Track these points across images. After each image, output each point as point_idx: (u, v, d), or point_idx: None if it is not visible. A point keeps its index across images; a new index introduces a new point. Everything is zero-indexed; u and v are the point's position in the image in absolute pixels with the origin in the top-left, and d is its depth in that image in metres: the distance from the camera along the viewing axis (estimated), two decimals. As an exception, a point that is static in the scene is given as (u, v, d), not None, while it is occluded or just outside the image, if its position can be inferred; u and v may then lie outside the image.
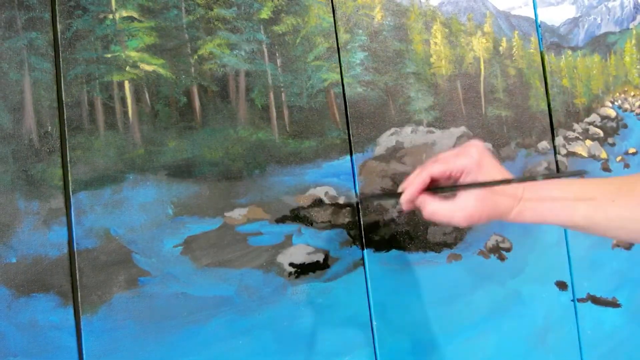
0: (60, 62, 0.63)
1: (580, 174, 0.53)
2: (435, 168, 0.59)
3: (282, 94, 0.75)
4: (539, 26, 0.99)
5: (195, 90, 0.70)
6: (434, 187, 0.60)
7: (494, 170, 0.58)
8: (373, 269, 0.78)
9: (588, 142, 1.02)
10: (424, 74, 0.85)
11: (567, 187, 0.58)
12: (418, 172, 0.61)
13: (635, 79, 1.09)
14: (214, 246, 0.69)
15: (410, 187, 0.61)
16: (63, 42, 0.63)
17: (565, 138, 0.98)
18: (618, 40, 1.07)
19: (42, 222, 0.60)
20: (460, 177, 0.58)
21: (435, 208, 0.59)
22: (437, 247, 0.84)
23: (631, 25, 1.09)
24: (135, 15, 0.67)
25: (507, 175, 0.59)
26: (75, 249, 0.62)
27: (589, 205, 0.56)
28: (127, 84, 0.66)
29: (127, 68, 0.66)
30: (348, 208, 0.78)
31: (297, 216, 0.75)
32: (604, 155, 1.03)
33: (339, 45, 0.80)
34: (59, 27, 0.63)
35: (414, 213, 0.82)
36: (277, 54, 0.75)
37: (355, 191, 0.79)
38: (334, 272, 0.76)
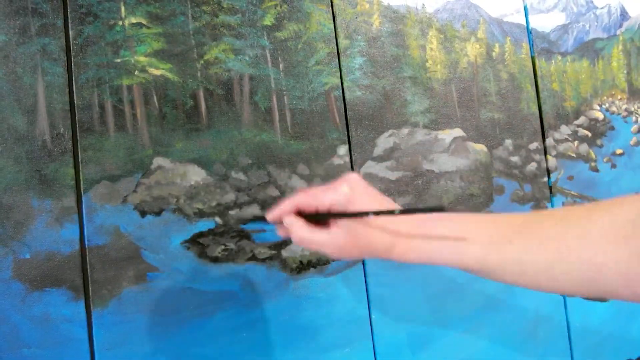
0: (72, 67, 0.63)
1: (439, 209, 0.43)
2: (300, 199, 0.51)
3: (285, 97, 0.75)
4: (530, 32, 0.98)
5: (201, 93, 0.70)
6: (309, 214, 0.52)
7: (371, 205, 0.49)
8: (371, 264, 0.78)
9: (577, 144, 1.01)
10: (420, 78, 0.85)
11: (458, 225, 0.49)
12: (285, 200, 0.53)
13: (622, 83, 1.09)
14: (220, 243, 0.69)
15: (274, 210, 0.53)
16: (75, 48, 0.63)
17: (555, 139, 0.98)
18: (606, 46, 1.07)
19: (54, 220, 0.60)
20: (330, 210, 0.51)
21: (304, 235, 0.50)
22: (433, 243, 0.84)
23: (618, 32, 1.09)
24: (143, 21, 0.67)
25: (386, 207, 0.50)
26: (86, 246, 0.61)
27: (482, 246, 0.46)
28: (136, 88, 0.66)
29: (136, 72, 0.66)
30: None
31: (299, 214, 0.74)
32: (592, 156, 1.03)
33: (339, 51, 0.79)
34: (70, 33, 0.63)
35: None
36: (279, 59, 0.75)
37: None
38: (334, 268, 0.76)
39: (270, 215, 0.54)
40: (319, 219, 0.52)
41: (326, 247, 0.50)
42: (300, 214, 0.53)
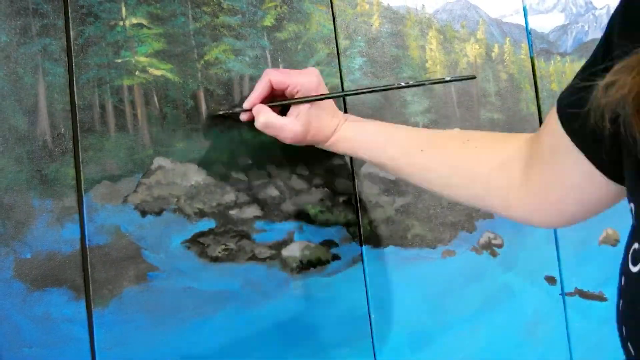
0: (73, 67, 0.63)
1: (469, 78, 0.54)
2: (275, 75, 0.59)
3: (285, 98, 0.75)
4: (529, 33, 0.98)
5: (201, 93, 0.70)
6: (273, 101, 0.61)
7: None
8: (371, 264, 0.78)
9: (576, 144, 1.01)
10: (420, 79, 0.85)
11: (385, 128, 0.60)
12: (260, 80, 0.61)
13: (621, 84, 1.09)
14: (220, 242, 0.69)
15: (253, 92, 0.61)
16: (75, 48, 0.63)
17: (554, 140, 0.98)
18: (604, 47, 1.07)
19: (55, 220, 0.60)
20: (296, 94, 0.59)
21: (268, 119, 0.58)
22: (432, 243, 0.84)
23: (617, 33, 1.09)
24: (144, 22, 0.67)
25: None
26: (87, 245, 0.61)
27: (398, 150, 0.57)
28: (136, 88, 0.66)
29: (137, 73, 0.66)
30: (348, 206, 0.78)
31: (299, 214, 0.74)
32: (591, 156, 1.03)
33: (339, 51, 0.79)
34: (71, 33, 0.63)
35: (410, 212, 0.82)
36: (279, 60, 0.75)
37: (355, 190, 0.78)
38: (334, 268, 0.76)
39: (248, 103, 0.62)
40: (285, 104, 0.61)
41: (284, 131, 0.59)
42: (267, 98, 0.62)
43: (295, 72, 0.60)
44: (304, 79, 0.58)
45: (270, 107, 0.60)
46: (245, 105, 0.62)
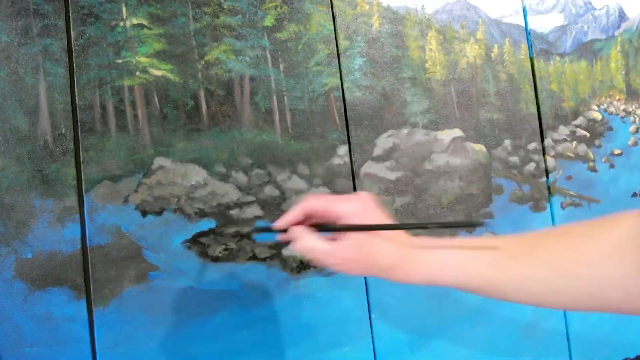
0: (74, 67, 0.63)
1: (476, 225, 0.43)
2: (310, 203, 0.50)
3: (285, 98, 0.75)
4: (529, 33, 0.98)
5: (202, 94, 0.70)
6: (316, 224, 0.51)
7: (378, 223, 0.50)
8: (371, 264, 0.78)
9: (575, 144, 1.01)
10: (419, 79, 0.85)
11: (462, 244, 0.50)
12: (295, 207, 0.52)
13: (620, 84, 1.09)
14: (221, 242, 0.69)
15: (283, 217, 0.52)
16: (76, 49, 0.63)
17: (554, 140, 0.98)
18: (604, 47, 1.07)
19: (56, 220, 0.60)
20: (339, 222, 0.50)
21: (309, 244, 0.49)
22: (432, 243, 0.84)
23: (616, 33, 1.09)
24: (145, 22, 0.67)
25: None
26: (88, 245, 0.61)
27: (485, 264, 0.47)
28: (137, 88, 0.66)
29: (138, 73, 0.66)
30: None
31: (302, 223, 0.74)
32: (590, 156, 1.03)
33: (339, 52, 0.79)
34: (72, 34, 0.63)
35: (410, 212, 0.82)
36: (280, 60, 0.75)
37: (355, 190, 0.78)
38: (334, 267, 0.76)
39: (279, 223, 0.53)
40: (327, 230, 0.51)
41: (330, 258, 0.49)
42: (303, 223, 0.52)
43: (337, 199, 0.51)
44: (346, 207, 0.49)
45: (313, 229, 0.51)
46: (276, 224, 0.53)
